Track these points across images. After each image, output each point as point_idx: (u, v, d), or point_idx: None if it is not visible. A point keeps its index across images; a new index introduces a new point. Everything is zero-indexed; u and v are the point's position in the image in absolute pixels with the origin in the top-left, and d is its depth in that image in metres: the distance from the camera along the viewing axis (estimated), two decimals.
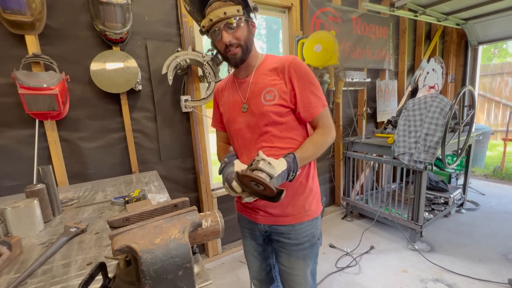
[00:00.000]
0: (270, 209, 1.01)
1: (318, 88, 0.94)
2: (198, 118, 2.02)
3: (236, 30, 0.88)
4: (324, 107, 0.94)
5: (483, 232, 2.47)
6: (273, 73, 0.94)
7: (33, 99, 1.36)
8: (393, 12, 2.85)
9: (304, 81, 0.91)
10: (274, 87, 0.93)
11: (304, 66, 0.93)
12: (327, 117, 0.96)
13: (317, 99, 0.93)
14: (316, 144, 0.92)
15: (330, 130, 0.96)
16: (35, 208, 0.93)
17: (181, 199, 0.46)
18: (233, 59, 0.93)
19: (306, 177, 1.01)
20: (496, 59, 8.75)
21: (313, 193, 1.03)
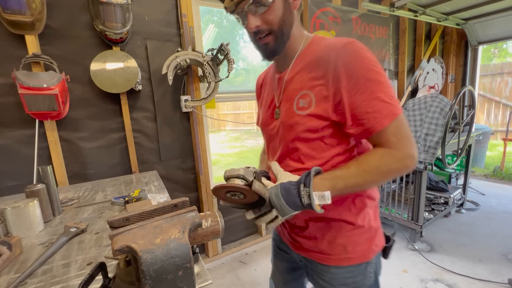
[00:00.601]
0: (299, 238, 0.80)
1: (383, 88, 0.61)
2: (198, 118, 2.02)
3: (267, 11, 0.64)
4: (394, 116, 0.60)
5: (483, 232, 2.47)
6: (315, 66, 0.66)
7: (33, 99, 1.36)
8: (393, 12, 2.85)
9: (358, 79, 0.60)
10: (312, 89, 0.66)
11: (360, 55, 0.61)
12: (397, 132, 0.61)
13: (382, 105, 0.60)
14: (365, 166, 0.62)
15: (401, 151, 0.61)
16: (35, 208, 0.93)
17: (181, 199, 0.46)
18: (262, 50, 0.71)
19: (349, 208, 0.73)
20: (496, 59, 8.75)
21: (362, 231, 0.74)
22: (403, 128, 0.62)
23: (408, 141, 0.62)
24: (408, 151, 0.62)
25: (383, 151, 0.63)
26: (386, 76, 0.63)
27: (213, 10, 2.93)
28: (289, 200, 0.60)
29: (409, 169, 0.63)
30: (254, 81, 1.00)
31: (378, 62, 0.63)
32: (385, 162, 0.62)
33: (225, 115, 11.00)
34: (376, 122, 0.61)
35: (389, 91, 0.61)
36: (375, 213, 0.78)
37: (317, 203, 0.58)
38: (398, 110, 0.61)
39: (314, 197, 0.58)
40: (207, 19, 8.20)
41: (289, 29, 0.69)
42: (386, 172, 0.62)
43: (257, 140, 9.03)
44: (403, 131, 0.62)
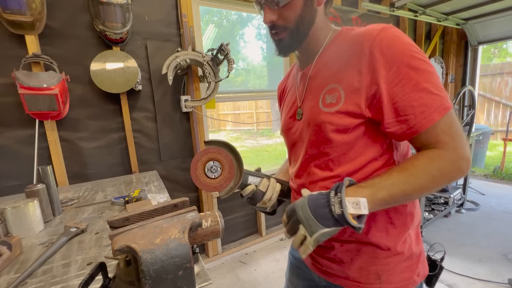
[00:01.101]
0: (322, 259, 0.69)
1: (430, 77, 0.51)
2: (198, 118, 2.02)
3: (285, 6, 0.58)
4: (445, 111, 0.51)
5: (483, 232, 2.47)
6: (344, 57, 0.58)
7: (33, 99, 1.36)
8: (393, 12, 2.85)
9: (400, 67, 0.51)
10: (340, 82, 0.58)
11: (401, 40, 0.53)
12: (449, 129, 0.52)
13: (430, 97, 0.51)
14: (412, 171, 0.52)
15: (454, 152, 0.52)
16: (35, 208, 0.93)
17: (181, 199, 0.46)
18: (276, 45, 0.66)
19: (385, 229, 0.61)
20: (496, 59, 8.75)
21: (401, 259, 0.62)
22: (455, 125, 0.52)
23: (462, 140, 0.52)
24: (462, 152, 0.52)
25: (432, 153, 0.53)
26: (430, 63, 0.53)
27: (213, 10, 2.93)
28: (316, 211, 0.50)
29: (463, 173, 0.53)
30: (254, 81, 0.97)
31: (419, 47, 0.55)
32: (436, 165, 0.52)
33: (225, 115, 11.01)
34: (424, 118, 0.51)
35: (436, 82, 0.52)
36: (417, 235, 0.66)
37: (350, 211, 0.49)
38: (448, 103, 0.52)
39: (346, 204, 0.49)
40: (207, 19, 8.19)
41: (308, 27, 0.62)
42: (439, 177, 0.52)
43: (257, 140, 9.04)
44: (455, 128, 0.52)
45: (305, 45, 0.65)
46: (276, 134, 9.40)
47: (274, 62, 6.05)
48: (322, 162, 0.63)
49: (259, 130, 10.43)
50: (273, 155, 7.05)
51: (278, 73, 2.79)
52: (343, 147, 0.59)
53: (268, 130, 10.07)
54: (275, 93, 2.59)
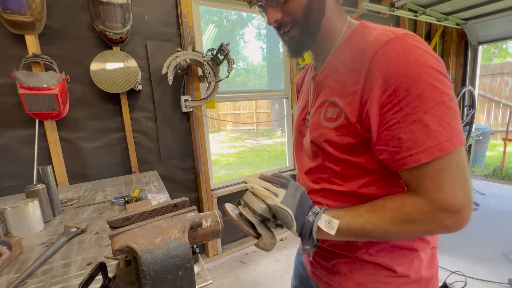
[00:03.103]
0: (322, 270, 0.66)
1: (434, 108, 0.42)
2: (198, 118, 2.02)
3: (288, 0, 0.52)
4: (440, 153, 0.42)
5: (483, 232, 2.47)
6: (348, 67, 0.52)
7: (33, 99, 1.36)
8: (393, 12, 2.85)
9: (398, 90, 0.44)
10: (341, 97, 0.52)
11: (409, 56, 0.44)
12: (438, 176, 0.43)
13: (423, 132, 0.43)
14: (378, 211, 0.48)
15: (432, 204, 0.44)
16: (35, 208, 0.93)
17: (181, 199, 0.46)
18: (288, 45, 0.59)
19: (388, 248, 0.57)
20: (496, 59, 8.75)
21: (405, 281, 0.57)
22: (452, 172, 0.43)
23: (453, 190, 0.43)
24: (447, 205, 0.43)
25: (407, 198, 0.47)
26: (448, 92, 0.43)
27: (213, 10, 2.94)
28: (302, 202, 0.51)
29: (449, 229, 0.45)
30: (254, 81, 0.96)
31: (442, 69, 0.44)
32: (405, 212, 0.46)
33: (225, 115, 11.01)
34: (410, 156, 0.44)
35: (442, 114, 0.42)
36: (431, 258, 0.59)
37: (321, 225, 0.49)
38: (451, 144, 0.42)
39: (321, 217, 0.49)
40: (207, 19, 8.18)
41: (318, 17, 0.55)
42: (408, 225, 0.46)
43: (257, 140, 9.04)
44: (451, 175, 0.43)
45: (318, 41, 0.58)
46: (276, 134, 9.40)
47: (274, 62, 6.06)
48: (324, 174, 0.60)
49: (259, 130, 10.43)
50: (273, 155, 7.06)
51: (278, 73, 2.79)
52: (344, 164, 0.55)
53: (268, 130, 10.07)
54: (275, 93, 2.61)
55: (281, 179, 0.53)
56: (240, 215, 0.52)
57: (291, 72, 2.53)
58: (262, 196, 0.50)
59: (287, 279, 1.98)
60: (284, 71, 2.60)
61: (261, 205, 0.50)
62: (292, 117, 2.66)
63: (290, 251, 2.35)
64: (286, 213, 0.49)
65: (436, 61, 0.45)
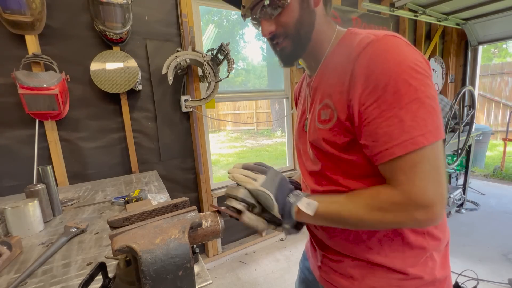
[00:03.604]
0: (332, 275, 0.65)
1: (409, 104, 0.45)
2: (198, 118, 2.02)
3: (281, 13, 0.56)
4: (413, 147, 0.44)
5: (483, 232, 2.47)
6: (337, 70, 0.55)
7: (33, 99, 1.36)
8: (393, 12, 2.85)
9: (376, 87, 0.47)
10: (332, 99, 0.55)
11: (389, 55, 0.46)
12: (410, 169, 0.45)
13: (398, 127, 0.45)
14: (355, 198, 0.52)
15: (404, 195, 0.46)
16: (35, 208, 0.93)
17: (181, 199, 0.46)
18: (280, 56, 0.63)
19: (402, 250, 0.56)
20: (496, 59, 8.75)
21: (420, 284, 0.56)
22: (424, 166, 0.45)
23: (424, 184, 0.44)
24: (417, 198, 0.45)
25: (382, 188, 0.49)
26: (424, 90, 0.45)
27: (213, 10, 2.94)
28: (282, 184, 0.55)
29: (420, 223, 0.47)
30: (254, 81, 0.96)
31: (422, 67, 0.46)
32: (379, 201, 0.48)
33: (225, 115, 11.01)
34: (386, 149, 0.46)
35: (417, 110, 0.44)
36: (443, 258, 0.60)
37: (300, 206, 0.53)
38: (424, 139, 0.44)
39: (302, 199, 0.54)
40: (207, 19, 8.17)
41: (309, 30, 0.58)
42: (380, 215, 0.48)
43: (257, 140, 9.04)
44: (422, 170, 0.45)
45: (309, 51, 0.61)
46: (276, 134, 9.40)
47: (274, 62, 6.05)
48: (326, 175, 0.61)
49: (259, 130, 10.43)
50: (273, 155, 7.06)
51: (278, 73, 2.79)
52: (343, 163, 0.56)
53: (268, 130, 10.07)
54: (275, 93, 2.61)
55: (262, 167, 0.56)
56: (227, 206, 0.54)
57: (291, 72, 2.54)
58: (242, 183, 0.53)
59: (287, 279, 1.98)
60: (284, 71, 2.60)
61: (241, 190, 0.52)
62: (292, 117, 2.66)
63: (290, 251, 2.35)
64: (266, 195, 0.52)
65: (415, 59, 0.47)
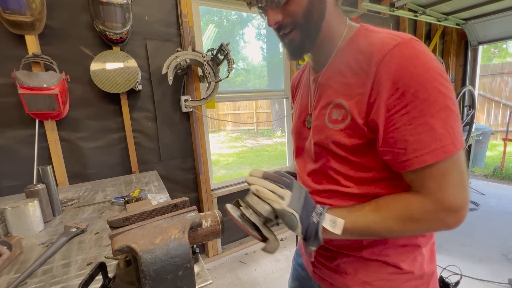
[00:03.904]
0: (325, 270, 0.66)
1: (440, 112, 0.44)
2: (198, 118, 2.02)
3: (288, 1, 0.52)
4: (445, 155, 0.44)
5: (483, 232, 2.47)
6: (354, 69, 0.52)
7: (33, 99, 1.36)
8: (393, 12, 2.85)
9: (405, 93, 0.45)
10: (348, 99, 0.53)
11: (416, 61, 0.45)
12: (442, 177, 0.46)
13: (429, 135, 0.44)
14: (383, 211, 0.50)
15: (437, 203, 0.46)
16: (35, 208, 0.93)
17: (181, 199, 0.46)
18: (288, 48, 0.59)
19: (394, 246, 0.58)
20: (496, 59, 8.76)
21: (409, 278, 0.58)
22: (453, 173, 0.45)
23: (455, 191, 0.45)
24: (450, 205, 0.45)
25: (413, 198, 0.48)
26: (451, 96, 0.45)
27: (213, 10, 2.94)
28: (307, 202, 0.50)
29: (450, 226, 0.47)
30: (254, 81, 0.95)
31: (445, 74, 0.47)
32: (411, 212, 0.47)
33: (225, 115, 11.01)
34: (416, 157, 0.45)
35: (447, 118, 0.44)
36: (431, 253, 0.61)
37: (325, 225, 0.49)
38: (454, 147, 0.44)
39: (325, 218, 0.49)
40: (207, 19, 8.18)
41: (319, 19, 0.55)
42: (412, 224, 0.48)
43: (257, 140, 9.04)
44: (452, 177, 0.45)
45: (318, 44, 0.58)
46: (276, 134, 9.40)
47: (274, 62, 6.06)
48: (329, 175, 0.60)
49: (259, 130, 10.43)
50: (273, 155, 7.06)
51: (278, 73, 2.79)
52: (349, 163, 0.55)
53: (268, 130, 10.07)
54: (275, 93, 2.61)
55: (286, 179, 0.51)
56: (242, 216, 0.50)
57: (291, 72, 2.53)
58: (268, 200, 0.47)
59: (287, 279, 1.97)
60: (284, 71, 2.60)
61: (267, 207, 0.48)
62: (292, 117, 2.66)
63: (290, 251, 2.35)
64: (292, 217, 0.47)
65: (439, 66, 0.47)
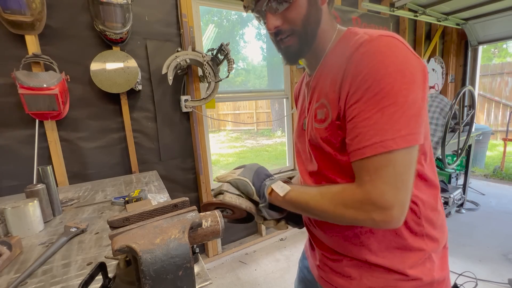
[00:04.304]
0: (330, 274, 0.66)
1: (388, 106, 0.45)
2: (198, 118, 2.02)
3: (288, 8, 0.54)
4: (383, 149, 0.45)
5: (483, 232, 2.47)
6: (334, 69, 0.55)
7: (33, 99, 1.36)
8: (393, 12, 2.85)
9: (359, 88, 0.47)
10: (327, 97, 0.55)
11: (377, 56, 0.46)
12: (375, 171, 0.46)
13: (372, 128, 0.46)
14: (323, 190, 0.54)
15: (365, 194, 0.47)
16: (35, 208, 0.93)
17: (181, 199, 0.46)
18: (284, 53, 0.61)
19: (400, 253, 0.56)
20: (496, 59, 8.76)
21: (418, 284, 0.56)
22: (388, 170, 0.45)
23: (384, 188, 0.45)
24: (377, 200, 0.45)
25: (347, 185, 0.51)
26: (406, 94, 0.45)
27: (213, 10, 2.95)
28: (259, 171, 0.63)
29: (376, 224, 0.46)
30: (254, 81, 0.96)
31: (412, 71, 0.46)
32: (343, 197, 0.50)
33: (225, 115, 11.01)
34: (358, 149, 0.47)
35: (393, 114, 0.44)
36: (442, 259, 0.60)
37: (274, 187, 0.59)
38: (393, 142, 0.44)
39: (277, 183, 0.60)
40: (207, 19, 8.19)
41: (315, 27, 0.57)
42: (342, 209, 0.49)
43: (257, 140, 9.04)
44: (386, 173, 0.45)
45: (312, 50, 0.61)
46: (276, 134, 9.40)
47: (274, 62, 6.06)
48: (325, 175, 0.61)
49: (259, 130, 10.43)
50: (273, 155, 7.05)
51: (278, 73, 2.79)
52: (341, 162, 0.56)
53: (268, 130, 10.07)
54: (275, 93, 2.61)
55: (239, 166, 0.67)
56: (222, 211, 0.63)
57: (291, 72, 2.53)
58: (223, 178, 0.64)
59: (287, 279, 1.98)
60: (284, 71, 2.60)
61: (224, 184, 0.63)
62: (292, 117, 2.66)
63: (290, 251, 2.35)
64: (244, 182, 0.61)
65: (405, 62, 0.46)
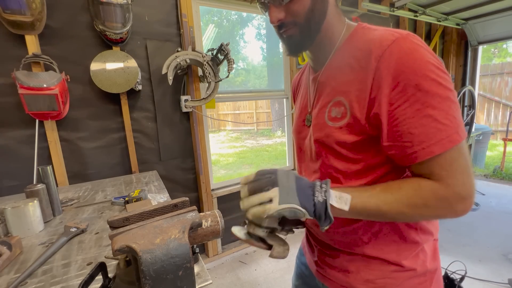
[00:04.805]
0: (328, 268, 0.66)
1: (441, 103, 0.45)
2: (198, 118, 2.02)
3: (292, 0, 0.53)
4: (451, 144, 0.45)
5: (483, 232, 2.47)
6: (353, 66, 0.53)
7: (33, 99, 1.36)
8: (393, 12, 2.85)
9: (407, 87, 0.46)
10: (346, 96, 0.53)
11: (415, 55, 0.46)
12: (449, 165, 0.46)
13: (434, 126, 0.45)
14: (394, 192, 0.49)
15: (448, 189, 0.46)
16: (35, 208, 0.93)
17: (181, 199, 0.46)
18: (286, 43, 0.59)
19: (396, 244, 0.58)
20: (496, 59, 8.76)
21: (412, 275, 0.58)
22: (460, 161, 0.46)
23: (463, 178, 0.46)
24: (460, 191, 0.46)
25: (424, 182, 0.48)
26: (451, 88, 0.47)
27: (213, 10, 2.95)
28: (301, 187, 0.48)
29: (457, 214, 0.48)
30: (254, 81, 0.95)
31: (443, 67, 0.47)
32: (422, 195, 0.47)
33: (225, 115, 11.01)
34: (422, 149, 0.46)
35: (448, 109, 0.45)
36: (434, 250, 0.61)
37: (333, 202, 0.47)
38: (458, 135, 0.45)
39: (331, 194, 0.48)
40: (207, 19, 8.18)
41: (320, 20, 0.56)
42: (421, 208, 0.47)
43: (257, 140, 9.04)
44: (459, 164, 0.46)
45: (317, 43, 0.59)
46: (276, 134, 9.40)
47: (274, 62, 6.07)
48: (330, 174, 0.59)
49: (259, 130, 10.43)
50: (273, 155, 7.06)
51: (278, 73, 2.79)
52: (350, 161, 0.55)
53: (268, 130, 10.07)
54: (275, 93, 2.61)
55: (268, 177, 0.48)
56: (248, 234, 0.52)
57: (291, 72, 2.53)
58: (261, 214, 0.47)
59: (287, 279, 1.98)
60: (284, 71, 2.60)
61: (264, 217, 0.47)
62: (292, 117, 2.66)
63: (290, 251, 2.35)
64: (292, 210, 0.46)
65: (437, 59, 0.48)
